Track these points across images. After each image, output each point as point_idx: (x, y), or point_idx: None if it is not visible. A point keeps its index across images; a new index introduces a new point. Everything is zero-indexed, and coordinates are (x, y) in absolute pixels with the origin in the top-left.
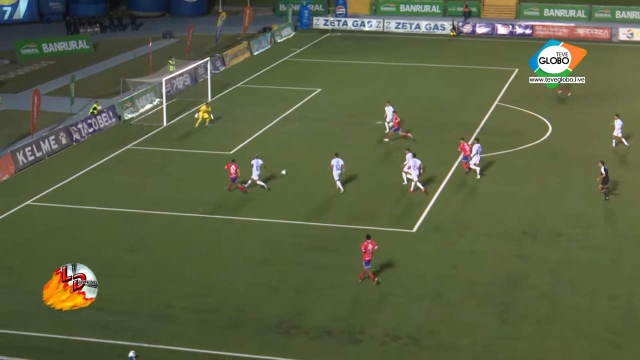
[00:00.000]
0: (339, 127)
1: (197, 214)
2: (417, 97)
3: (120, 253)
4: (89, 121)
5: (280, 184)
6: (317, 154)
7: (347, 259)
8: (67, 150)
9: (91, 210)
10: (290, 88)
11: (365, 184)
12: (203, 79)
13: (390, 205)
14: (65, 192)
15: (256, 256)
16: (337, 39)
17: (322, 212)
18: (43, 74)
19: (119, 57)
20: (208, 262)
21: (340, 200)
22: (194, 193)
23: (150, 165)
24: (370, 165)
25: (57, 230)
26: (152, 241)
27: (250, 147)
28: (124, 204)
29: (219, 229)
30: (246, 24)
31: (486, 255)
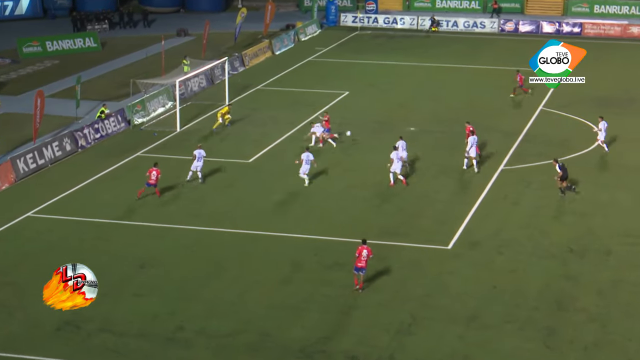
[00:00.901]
0: (367, 134)
1: (213, 228)
2: (453, 100)
3: (130, 270)
4: (95, 126)
5: (304, 196)
6: (343, 164)
7: (376, 279)
8: (72, 157)
9: (98, 223)
10: (315, 91)
11: (396, 196)
12: (220, 81)
13: (424, 219)
14: (70, 203)
15: (277, 274)
16: (366, 38)
17: (350, 226)
18: (47, 74)
19: (129, 56)
20: (225, 281)
21: (369, 213)
22: (210, 205)
23: (163, 174)
24: (402, 176)
25: (61, 244)
26: (165, 257)
27: (270, 154)
28: (135, 217)
29: (237, 245)
30: (268, 21)
31: (529, 275)
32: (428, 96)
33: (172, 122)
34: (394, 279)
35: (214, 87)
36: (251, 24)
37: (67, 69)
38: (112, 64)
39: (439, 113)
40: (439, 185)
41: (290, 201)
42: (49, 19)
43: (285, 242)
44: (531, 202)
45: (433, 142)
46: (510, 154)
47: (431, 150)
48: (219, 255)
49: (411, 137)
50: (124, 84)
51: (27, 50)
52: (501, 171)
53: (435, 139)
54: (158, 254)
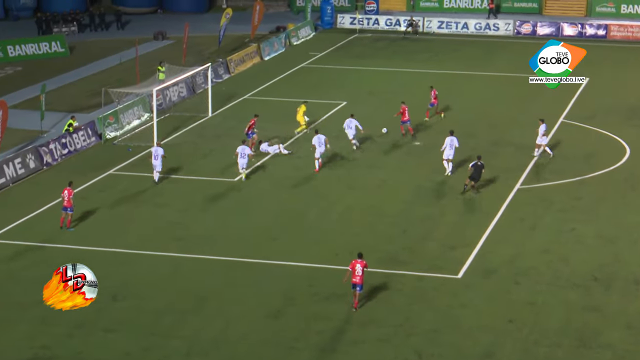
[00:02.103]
0: (368, 149)
1: (195, 255)
2: (463, 111)
3: (101, 301)
4: (63, 140)
5: (296, 218)
6: (341, 183)
7: (376, 311)
8: (36, 175)
9: (65, 250)
10: (309, 101)
11: (399, 218)
12: (202, 90)
13: (430, 243)
14: (33, 227)
15: (266, 307)
16: (366, 41)
17: (348, 252)
18: (7, 82)
19: (100, 62)
20: (206, 314)
21: (369, 237)
22: (191, 229)
23: (138, 195)
24: (406, 195)
25: (24, 274)
26: (140, 287)
27: (257, 172)
28: (106, 242)
29: (222, 273)
30: (256, 23)
31: (548, 307)
32: (437, 106)
33: (149, 136)
34: (396, 312)
35: (196, 97)
36: (237, 25)
37: (31, 76)
38: (81, 71)
39: (448, 126)
40: (447, 205)
41: (282, 224)
42: (11, 21)
43: (276, 270)
44: (551, 226)
45: (441, 158)
46: (527, 171)
47: (439, 166)
48: (199, 285)
49: (416, 153)
50: (94, 94)
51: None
52: (517, 190)
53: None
54: (131, 283)
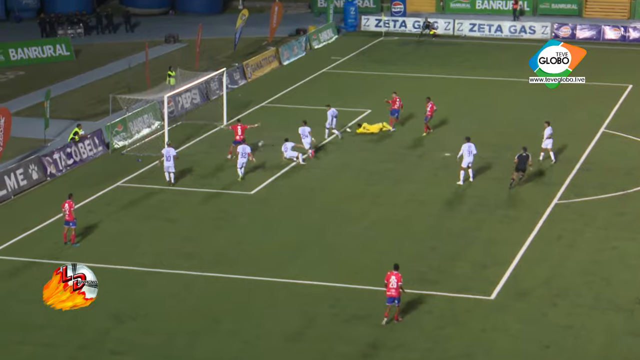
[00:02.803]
0: (393, 160)
1: (207, 273)
2: (496, 120)
3: (107, 323)
4: (68, 150)
5: (317, 235)
6: (366, 198)
7: (404, 334)
8: (39, 187)
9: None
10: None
11: (427, 235)
12: (217, 96)
13: (461, 262)
14: (36, 243)
15: (286, 329)
16: (392, 45)
17: (373, 271)
18: (9, 87)
19: (108, 66)
20: (220, 337)
21: (395, 256)
22: (203, 245)
23: (148, 209)
24: (435, 210)
25: (25, 292)
26: (149, 307)
27: (276, 185)
28: (113, 259)
29: (236, 293)
30: (274, 25)
31: (589, 332)
32: (467, 115)
33: (160, 146)
34: (425, 336)
35: (210, 104)
36: (254, 28)
37: (34, 81)
38: (87, 76)
39: (480, 136)
40: (479, 221)
41: (301, 241)
42: (13, 22)
43: (294, 289)
44: (591, 244)
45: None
46: (565, 185)
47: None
48: (212, 306)
49: (445, 165)
50: (102, 100)
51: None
52: (555, 206)
53: (475, 166)
54: (140, 303)
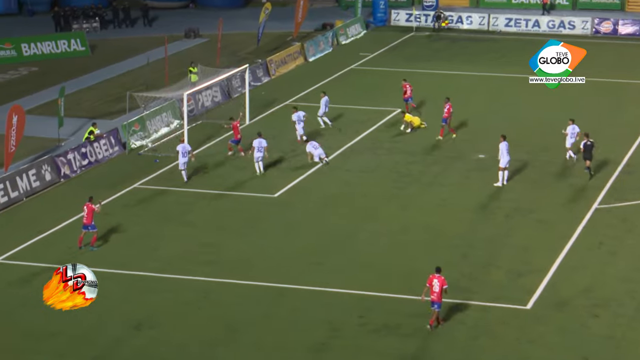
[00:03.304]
0: (426, 162)
1: (228, 279)
2: (532, 120)
3: (123, 331)
4: (82, 150)
5: (344, 240)
6: (395, 202)
7: (435, 346)
8: (53, 189)
9: None
10: (359, 107)
11: (460, 241)
12: (239, 94)
13: (496, 269)
14: (49, 247)
15: (310, 339)
16: (424, 41)
17: (402, 278)
18: (22, 84)
19: (125, 62)
20: (239, 347)
21: (426, 262)
22: (223, 251)
23: (166, 212)
24: (468, 215)
25: (36, 299)
26: (167, 315)
27: (302, 187)
28: (129, 264)
29: (257, 301)
30: (299, 19)
31: (630, 343)
32: (501, 115)
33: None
34: (458, 347)
35: (231, 102)
36: (278, 22)
37: (48, 78)
38: (103, 73)
39: (515, 136)
40: (514, 226)
41: (327, 246)
42: (26, 16)
43: (320, 297)
44: (634, 250)
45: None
46: (606, 189)
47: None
48: (231, 314)
49: (479, 166)
50: (118, 98)
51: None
52: (595, 210)
53: (509, 168)
54: (155, 311)
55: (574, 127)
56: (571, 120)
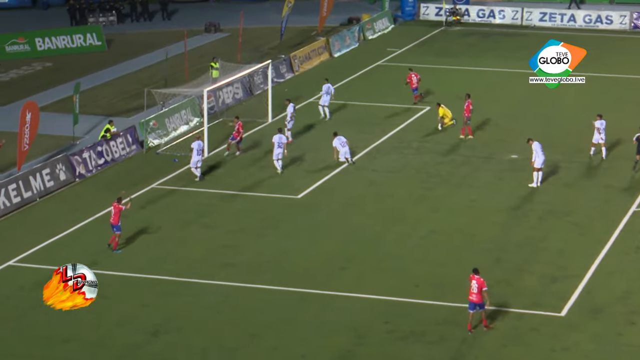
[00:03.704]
0: (455, 162)
1: (247, 284)
2: (568, 119)
3: (140, 337)
4: (98, 148)
5: (370, 243)
6: (423, 204)
7: (467, 355)
8: (67, 189)
9: (100, 276)
10: (387, 105)
11: (492, 245)
12: (261, 91)
13: (528, 275)
14: (64, 250)
15: (334, 346)
16: (454, 36)
17: (431, 283)
18: (36, 80)
19: (143, 58)
20: (262, 353)
21: (456, 267)
22: (244, 254)
23: (185, 213)
24: (500, 217)
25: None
26: (185, 321)
27: (326, 188)
28: (147, 268)
29: (279, 306)
30: (324, 13)
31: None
32: (534, 113)
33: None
34: (488, 356)
35: (253, 100)
36: (302, 17)
37: (63, 73)
38: (120, 68)
39: (548, 137)
40: (548, 229)
41: (352, 250)
42: (40, 9)
43: (344, 303)
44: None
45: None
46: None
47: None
48: (252, 320)
49: (512, 167)
50: (135, 95)
51: (10, 50)
52: (633, 213)
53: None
54: (174, 316)
55: (601, 122)
56: (599, 116)
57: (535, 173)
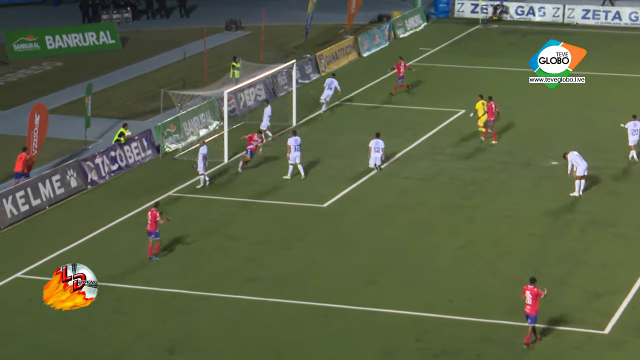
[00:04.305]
0: (490, 170)
1: (271, 298)
2: (612, 124)
3: (155, 355)
4: (112, 154)
5: (401, 255)
6: (458, 213)
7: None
8: (79, 197)
9: (114, 289)
10: (419, 108)
11: (530, 258)
12: (285, 92)
13: (569, 289)
14: (74, 261)
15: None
16: (491, 34)
17: (466, 299)
18: (46, 80)
19: (159, 57)
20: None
21: (492, 281)
22: (268, 267)
23: (205, 223)
24: (539, 228)
25: (62, 318)
26: (202, 337)
27: (354, 196)
28: (165, 281)
29: (304, 322)
30: (352, 10)
31: None
32: (576, 117)
33: (219, 150)
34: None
35: (277, 102)
36: (329, 14)
37: (74, 73)
38: (135, 68)
39: (591, 141)
40: (590, 241)
41: (382, 263)
42: (51, 5)
43: (373, 319)
44: None
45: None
46: None
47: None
48: (276, 337)
49: (551, 174)
50: (152, 96)
51: (19, 48)
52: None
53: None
54: (193, 333)
55: (635, 124)
56: (633, 117)
57: (577, 181)
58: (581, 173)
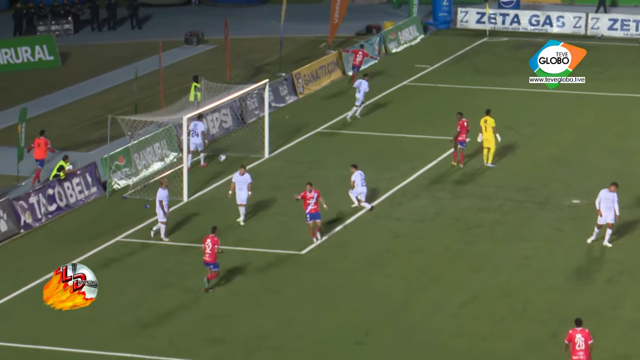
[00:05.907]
0: (501, 210)
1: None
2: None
3: None
4: (49, 191)
5: (395, 316)
6: (463, 261)
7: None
8: (9, 243)
9: (51, 353)
10: (414, 136)
11: (549, 315)
12: (256, 118)
13: (596, 352)
14: (4, 321)
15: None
16: (500, 48)
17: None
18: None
19: (106, 76)
20: None
21: (504, 343)
22: (236, 326)
23: (161, 274)
24: (557, 278)
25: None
26: None
27: (339, 241)
28: (113, 343)
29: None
30: (336, 19)
31: None
32: (602, 145)
33: (177, 188)
34: None
35: (246, 129)
36: (307, 24)
37: (5, 96)
38: (78, 90)
39: (621, 174)
40: (620, 294)
41: (373, 320)
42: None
43: None
44: None
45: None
46: None
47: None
48: None
49: (573, 215)
50: (97, 123)
51: None
52: None
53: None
54: None
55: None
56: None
57: (596, 228)
58: (604, 221)
